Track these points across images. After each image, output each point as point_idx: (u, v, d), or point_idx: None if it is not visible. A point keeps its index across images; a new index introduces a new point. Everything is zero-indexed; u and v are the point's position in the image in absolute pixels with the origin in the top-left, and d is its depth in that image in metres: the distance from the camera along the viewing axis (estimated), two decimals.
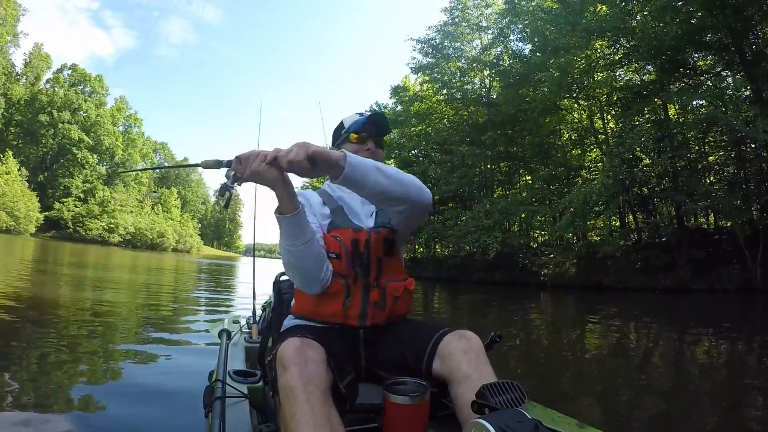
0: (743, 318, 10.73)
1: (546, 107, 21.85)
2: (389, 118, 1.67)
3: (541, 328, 8.52)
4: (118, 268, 18.26)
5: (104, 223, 68.77)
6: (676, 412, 3.38)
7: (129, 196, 79.04)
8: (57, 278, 11.32)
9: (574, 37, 19.66)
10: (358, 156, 1.46)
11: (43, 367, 3.57)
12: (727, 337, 7.38)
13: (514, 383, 1.15)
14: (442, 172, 26.03)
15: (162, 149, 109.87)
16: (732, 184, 18.15)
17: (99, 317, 6.11)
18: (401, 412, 1.36)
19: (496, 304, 12.43)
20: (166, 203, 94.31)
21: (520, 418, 0.98)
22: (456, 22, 28.61)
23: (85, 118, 72.70)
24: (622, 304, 13.02)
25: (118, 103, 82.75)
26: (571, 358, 5.24)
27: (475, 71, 28.27)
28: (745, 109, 15.98)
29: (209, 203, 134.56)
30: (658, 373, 4.78)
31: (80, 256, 25.55)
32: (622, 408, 3.51)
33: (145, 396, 3.04)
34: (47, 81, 71.82)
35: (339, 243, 1.71)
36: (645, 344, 6.88)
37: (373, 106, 33.58)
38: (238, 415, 1.63)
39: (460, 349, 1.49)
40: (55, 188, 68.78)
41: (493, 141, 24.72)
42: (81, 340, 4.65)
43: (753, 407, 3.60)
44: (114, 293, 9.46)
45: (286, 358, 1.34)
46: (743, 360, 5.59)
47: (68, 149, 70.18)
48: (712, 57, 18.77)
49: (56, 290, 8.89)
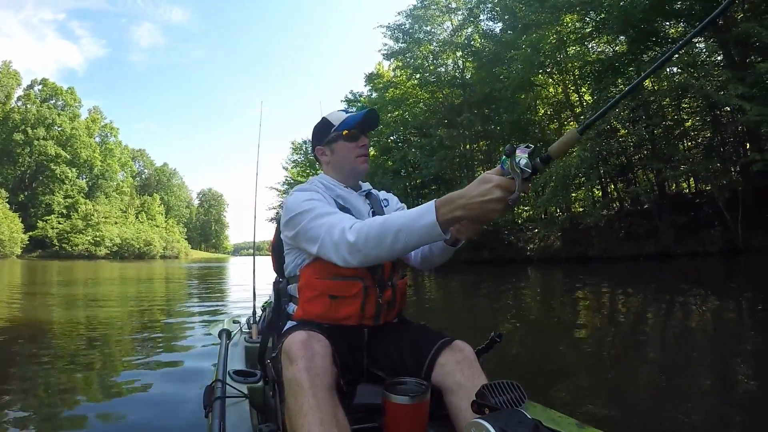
0: (729, 278, 10.97)
1: (520, 84, 21.90)
2: (365, 106, 1.66)
3: (533, 307, 8.55)
4: (108, 282, 18.12)
5: (89, 236, 68.10)
6: (675, 384, 3.40)
7: (112, 207, 78.32)
8: (48, 299, 11.18)
9: (543, 13, 19.70)
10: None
11: (42, 369, 3.62)
12: (718, 298, 7.60)
13: (514, 383, 1.15)
14: (422, 156, 26.08)
15: (140, 156, 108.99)
16: (709, 149, 18.45)
17: (95, 330, 6.11)
18: (401, 412, 1.36)
19: (485, 286, 12.53)
20: (150, 210, 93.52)
21: (520, 418, 0.99)
22: (425, 5, 28.50)
23: (60, 133, 71.79)
24: (609, 275, 13.23)
25: (92, 114, 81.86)
26: (565, 337, 5.22)
27: (448, 53, 28.22)
28: (717, 74, 16.22)
29: (193, 207, 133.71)
30: (653, 344, 4.81)
31: (69, 273, 25.25)
32: (623, 387, 3.45)
33: (145, 396, 3.06)
34: (18, 98, 70.92)
35: None
36: (636, 313, 6.97)
37: (348, 96, 33.49)
38: (238, 414, 1.62)
39: (453, 360, 1.51)
40: (36, 207, 67.97)
41: (470, 122, 24.80)
42: (79, 351, 4.66)
43: (746, 367, 3.71)
44: (107, 307, 9.36)
45: (292, 351, 1.33)
46: (735, 319, 5.77)
47: (46, 166, 69.31)
48: (683, 25, 18.89)
49: (49, 311, 8.77)
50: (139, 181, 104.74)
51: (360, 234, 1.37)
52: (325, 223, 1.50)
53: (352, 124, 1.85)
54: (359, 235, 1.37)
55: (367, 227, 1.37)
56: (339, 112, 1.93)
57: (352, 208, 1.78)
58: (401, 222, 1.31)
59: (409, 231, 1.30)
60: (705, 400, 3.04)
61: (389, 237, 1.32)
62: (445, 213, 1.25)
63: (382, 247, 1.35)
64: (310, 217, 1.55)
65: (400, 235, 1.31)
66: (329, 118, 1.92)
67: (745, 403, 2.92)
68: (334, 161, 1.89)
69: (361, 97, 32.22)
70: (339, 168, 1.89)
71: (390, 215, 1.38)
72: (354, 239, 1.38)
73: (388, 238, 1.32)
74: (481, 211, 1.21)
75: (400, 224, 1.31)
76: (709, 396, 3.16)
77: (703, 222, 17.48)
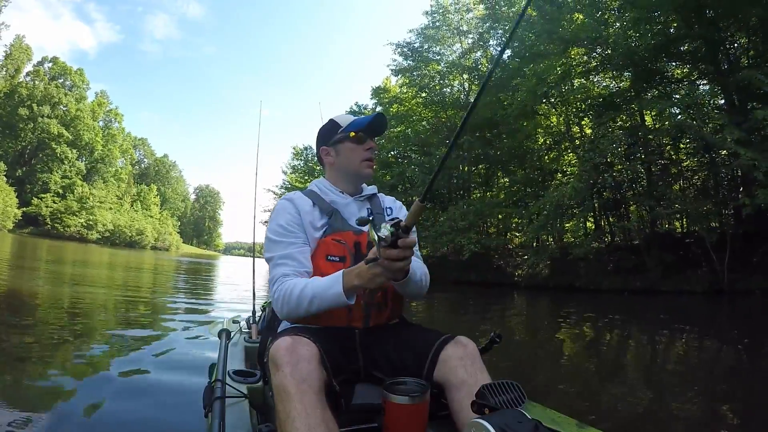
0: (712, 318, 11.12)
1: (522, 112, 22.12)
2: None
3: (519, 327, 8.73)
4: (101, 267, 18.16)
5: (83, 219, 67.97)
6: (657, 406, 3.54)
7: (108, 193, 78.15)
8: (34, 276, 11.30)
9: (551, 44, 20.01)
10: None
11: (40, 371, 3.55)
12: (700, 336, 7.76)
13: (513, 383, 1.17)
14: (420, 173, 26.32)
15: (142, 145, 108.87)
16: (702, 190, 18.72)
17: (94, 330, 5.80)
18: (401, 412, 1.36)
19: (473, 304, 12.71)
20: (146, 200, 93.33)
21: (520, 418, 1.00)
22: (437, 25, 28.75)
23: (64, 113, 71.78)
24: (595, 305, 13.38)
25: (98, 98, 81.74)
26: (546, 356, 5.36)
27: (454, 75, 28.47)
28: (714, 118, 16.52)
29: (189, 201, 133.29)
30: (632, 371, 4.99)
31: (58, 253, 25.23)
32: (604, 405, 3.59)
33: (145, 396, 3.05)
34: (27, 74, 70.64)
35: (342, 246, 1.72)
36: (619, 344, 7.12)
37: (353, 107, 33.68)
38: (238, 415, 1.63)
39: (456, 356, 1.52)
40: (33, 183, 67.78)
41: (470, 144, 25.03)
42: (78, 351, 4.47)
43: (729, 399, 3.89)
44: (105, 294, 9.38)
45: (277, 357, 1.36)
46: (715, 357, 5.95)
47: (47, 144, 69.22)
48: (687, 66, 19.20)
49: (34, 289, 8.86)
50: (137, 169, 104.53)
51: (284, 295, 1.62)
52: (274, 275, 1.69)
53: (360, 126, 1.86)
54: (284, 296, 1.62)
55: (289, 291, 1.60)
56: (347, 115, 1.94)
57: (341, 210, 1.84)
58: (315, 291, 1.55)
59: (321, 298, 1.55)
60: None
61: (305, 302, 1.57)
62: (347, 282, 1.50)
63: (300, 310, 1.59)
64: (271, 264, 1.73)
65: (314, 300, 1.56)
66: (337, 119, 1.93)
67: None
68: (338, 163, 1.90)
69: (365, 110, 32.40)
70: (342, 170, 1.90)
71: (310, 281, 1.61)
72: (277, 298, 1.64)
73: (304, 303, 1.57)
74: (369, 278, 1.46)
75: (314, 292, 1.55)
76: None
77: (691, 261, 17.64)
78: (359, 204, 1.90)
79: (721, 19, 16.58)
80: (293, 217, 1.76)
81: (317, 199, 1.84)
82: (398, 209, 2.05)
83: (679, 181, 20.04)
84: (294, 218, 1.76)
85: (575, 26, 19.51)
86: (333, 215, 1.80)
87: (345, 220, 1.81)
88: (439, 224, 23.35)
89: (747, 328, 8.75)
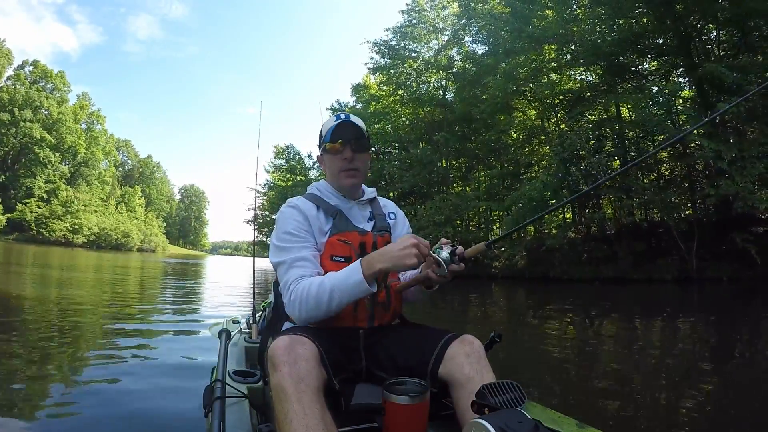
0: (681, 305, 11.52)
1: (496, 108, 22.57)
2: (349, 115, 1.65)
3: (501, 320, 8.86)
4: (94, 271, 18.09)
5: (68, 223, 67.86)
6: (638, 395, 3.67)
7: (93, 196, 77.89)
8: (23, 280, 11.40)
9: (521, 41, 20.42)
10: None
11: (40, 373, 3.59)
12: (674, 322, 8.11)
13: (513, 383, 1.16)
14: (398, 170, 26.67)
15: (125, 147, 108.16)
16: (669, 182, 19.34)
17: (92, 329, 5.77)
18: (401, 412, 1.36)
19: (451, 299, 12.92)
20: (131, 202, 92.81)
21: (520, 418, 0.99)
22: (413, 23, 29.06)
23: (46, 116, 71.42)
24: (571, 295, 13.66)
25: (80, 100, 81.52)
26: (532, 351, 5.40)
27: (431, 72, 28.85)
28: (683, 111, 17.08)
29: (174, 201, 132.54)
30: (610, 360, 5.10)
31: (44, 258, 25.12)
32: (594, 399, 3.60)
33: (144, 396, 3.04)
34: (8, 78, 70.16)
35: (348, 246, 1.72)
36: (595, 332, 7.23)
37: (334, 104, 33.92)
38: (238, 415, 1.61)
39: (462, 353, 1.51)
40: (17, 189, 67.50)
41: (446, 140, 25.45)
42: (76, 350, 4.46)
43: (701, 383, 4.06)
44: (99, 305, 8.99)
45: (275, 357, 1.34)
46: (688, 341, 6.27)
47: (30, 148, 68.86)
48: (658, 60, 19.79)
49: (22, 295, 8.90)
50: (121, 171, 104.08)
51: (301, 296, 1.57)
52: (288, 279, 1.64)
53: (327, 139, 1.82)
54: (301, 297, 1.57)
55: (306, 291, 1.56)
56: (330, 119, 1.88)
57: (345, 211, 1.83)
58: (334, 283, 1.52)
59: (341, 290, 1.51)
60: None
61: (325, 297, 1.52)
62: (367, 268, 1.49)
63: (320, 310, 1.55)
64: (282, 269, 1.68)
65: (335, 293, 1.51)
66: (323, 126, 1.89)
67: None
68: (327, 171, 1.92)
69: (346, 107, 32.60)
70: (331, 179, 1.90)
71: (326, 276, 1.59)
72: (293, 300, 1.60)
73: (324, 298, 1.53)
74: (396, 260, 1.46)
75: (333, 284, 1.52)
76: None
77: (661, 251, 18.17)
78: (361, 206, 1.91)
79: (691, 14, 17.08)
80: (301, 222, 1.74)
81: (320, 201, 1.83)
82: (401, 219, 2.05)
83: (648, 174, 20.57)
84: (302, 224, 1.74)
85: (544, 23, 19.99)
86: (337, 216, 1.79)
87: (349, 220, 1.81)
88: (416, 219, 23.67)
89: (721, 314, 9.10)
